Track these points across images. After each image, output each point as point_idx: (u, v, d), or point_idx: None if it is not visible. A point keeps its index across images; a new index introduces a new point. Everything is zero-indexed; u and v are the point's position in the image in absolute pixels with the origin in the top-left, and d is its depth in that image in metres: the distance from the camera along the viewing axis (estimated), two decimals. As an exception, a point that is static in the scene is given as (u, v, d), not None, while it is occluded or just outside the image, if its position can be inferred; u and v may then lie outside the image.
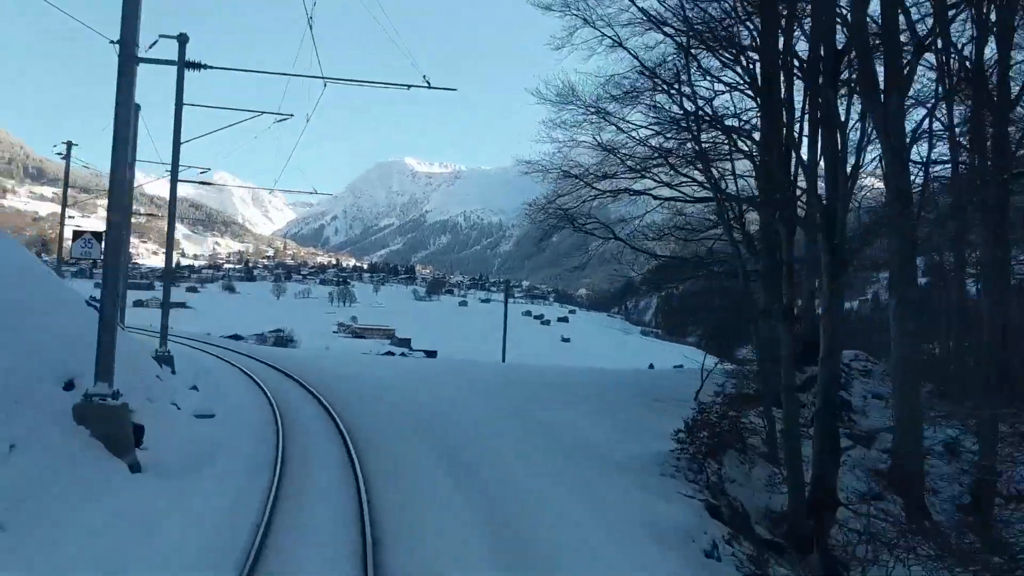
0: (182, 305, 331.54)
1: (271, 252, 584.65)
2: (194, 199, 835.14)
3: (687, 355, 46.75)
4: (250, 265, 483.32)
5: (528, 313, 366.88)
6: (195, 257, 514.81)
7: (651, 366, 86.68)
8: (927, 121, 23.05)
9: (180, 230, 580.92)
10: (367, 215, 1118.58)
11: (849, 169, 19.32)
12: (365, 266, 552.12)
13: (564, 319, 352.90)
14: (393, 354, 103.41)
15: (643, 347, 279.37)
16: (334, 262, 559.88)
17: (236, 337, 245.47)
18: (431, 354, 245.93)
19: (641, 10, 21.69)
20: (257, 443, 16.42)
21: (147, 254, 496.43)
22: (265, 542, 10.21)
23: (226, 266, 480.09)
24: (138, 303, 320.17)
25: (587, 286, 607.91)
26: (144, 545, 9.91)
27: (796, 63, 22.86)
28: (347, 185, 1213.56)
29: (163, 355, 27.51)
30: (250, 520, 10.97)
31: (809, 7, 21.11)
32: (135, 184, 35.80)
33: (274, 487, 12.57)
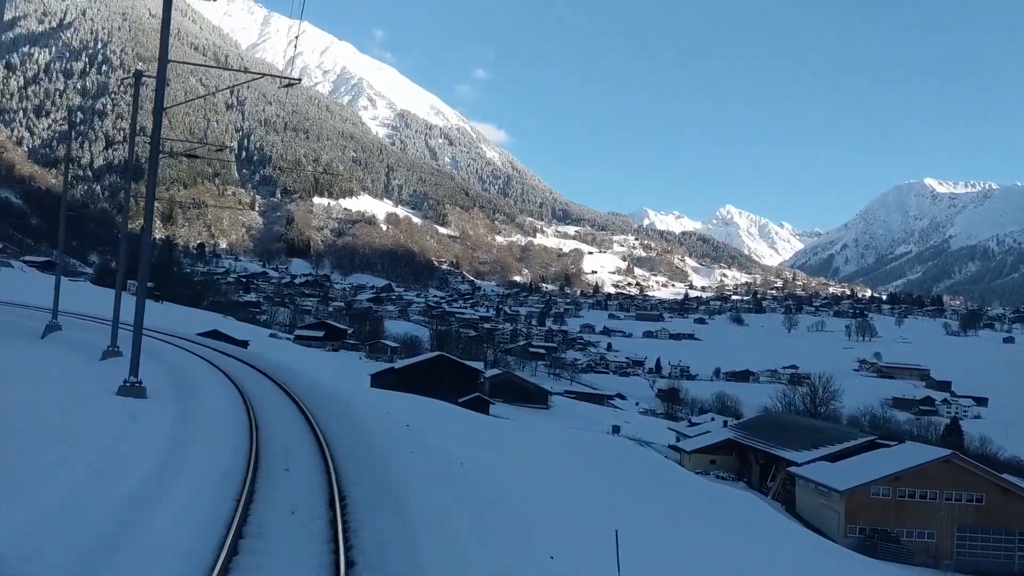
0: (691, 337, 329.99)
1: (779, 283, 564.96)
2: (702, 233, 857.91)
3: None
4: (758, 296, 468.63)
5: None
6: (702, 289, 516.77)
7: None
8: None
9: (688, 263, 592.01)
10: (880, 243, 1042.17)
11: None
12: (884, 297, 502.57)
13: None
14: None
15: None
16: (847, 292, 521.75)
17: (746, 374, 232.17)
18: (981, 401, 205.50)
19: None
20: None
21: (657, 286, 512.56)
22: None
23: (733, 297, 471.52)
24: (648, 334, 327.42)
25: None
26: None
27: None
28: (858, 212, 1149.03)
29: (132, 384, 20.58)
30: None
31: None
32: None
33: None
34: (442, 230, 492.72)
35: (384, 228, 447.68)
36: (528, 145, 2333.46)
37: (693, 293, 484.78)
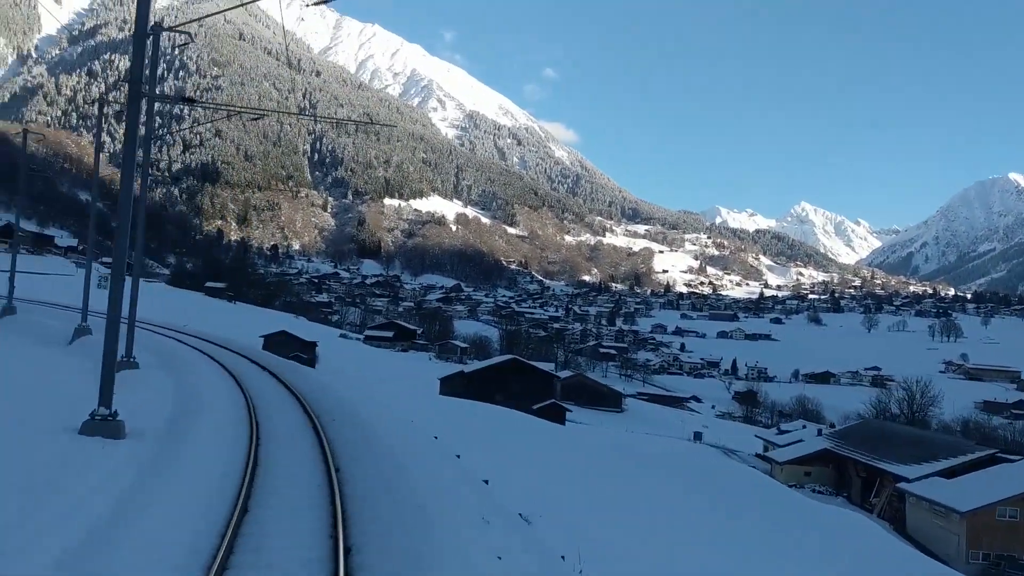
0: (767, 337, 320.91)
1: (857, 282, 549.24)
2: (776, 231, 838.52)
3: None
4: (836, 295, 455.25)
5: None
6: (778, 288, 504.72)
7: None
8: None
9: (763, 261, 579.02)
10: (962, 240, 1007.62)
11: None
12: (968, 296, 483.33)
13: None
14: None
15: None
16: (929, 291, 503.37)
17: (826, 375, 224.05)
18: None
19: None
20: None
21: (731, 285, 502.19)
22: None
23: (810, 296, 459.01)
24: (722, 334, 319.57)
25: None
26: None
27: None
28: (938, 209, 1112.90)
29: (103, 419, 15.50)
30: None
31: None
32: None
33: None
34: (511, 230, 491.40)
35: (453, 228, 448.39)
36: (597, 144, 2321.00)
37: (768, 292, 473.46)
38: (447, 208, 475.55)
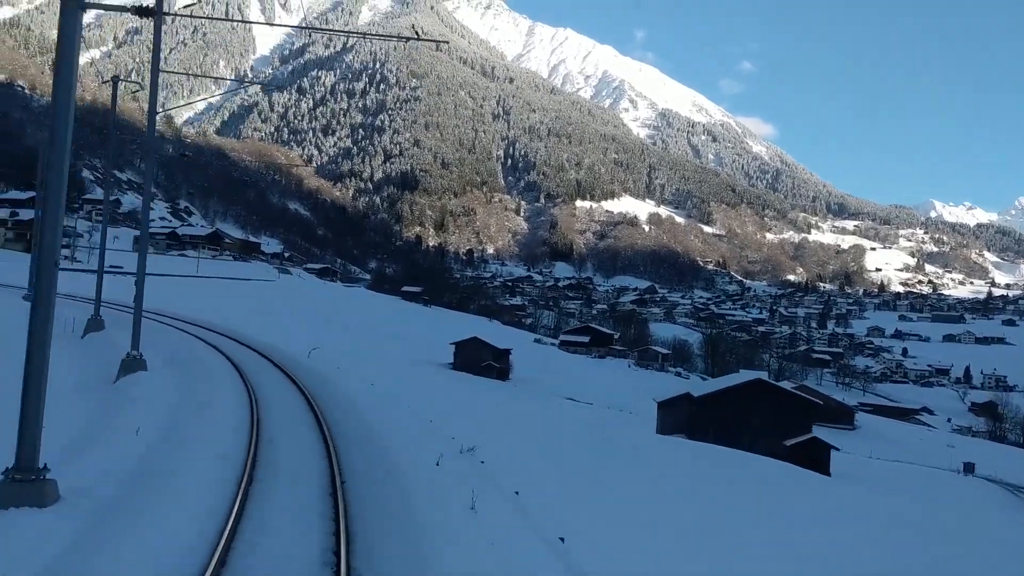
0: (1000, 340, 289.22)
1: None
2: (1000, 225, 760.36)
3: None
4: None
5: None
6: (1007, 287, 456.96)
7: None
8: None
9: (988, 258, 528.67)
10: None
11: None
12: None
13: None
14: None
15: None
16: None
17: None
18: None
19: None
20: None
21: (953, 284, 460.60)
22: None
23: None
24: (948, 338, 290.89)
25: None
26: None
27: None
28: None
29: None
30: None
31: None
32: None
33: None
34: (707, 229, 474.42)
35: (646, 229, 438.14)
36: (798, 137, 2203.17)
37: (997, 291, 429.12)
38: (639, 208, 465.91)
